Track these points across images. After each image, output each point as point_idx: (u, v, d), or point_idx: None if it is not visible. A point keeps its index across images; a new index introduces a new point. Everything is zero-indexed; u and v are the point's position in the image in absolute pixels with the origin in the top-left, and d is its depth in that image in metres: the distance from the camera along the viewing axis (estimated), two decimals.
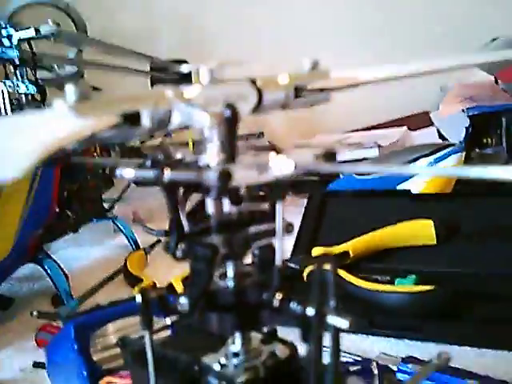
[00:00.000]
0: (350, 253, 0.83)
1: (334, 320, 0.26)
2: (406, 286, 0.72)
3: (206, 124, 0.29)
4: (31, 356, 0.79)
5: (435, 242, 0.83)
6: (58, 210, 1.06)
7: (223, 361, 0.31)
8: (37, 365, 0.77)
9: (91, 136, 0.27)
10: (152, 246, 1.17)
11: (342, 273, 0.76)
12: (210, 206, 0.30)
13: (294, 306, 0.28)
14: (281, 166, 0.28)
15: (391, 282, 0.76)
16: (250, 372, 0.30)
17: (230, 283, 0.30)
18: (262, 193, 0.31)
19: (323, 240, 0.89)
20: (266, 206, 0.31)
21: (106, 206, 1.26)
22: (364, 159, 1.34)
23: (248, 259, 0.31)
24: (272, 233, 0.30)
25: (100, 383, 0.40)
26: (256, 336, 0.32)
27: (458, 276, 0.77)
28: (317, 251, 0.85)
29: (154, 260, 1.12)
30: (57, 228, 1.06)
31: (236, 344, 0.31)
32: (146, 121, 0.29)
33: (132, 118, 0.28)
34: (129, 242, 1.16)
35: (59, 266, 0.97)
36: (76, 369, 0.42)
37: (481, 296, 0.73)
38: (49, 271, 0.96)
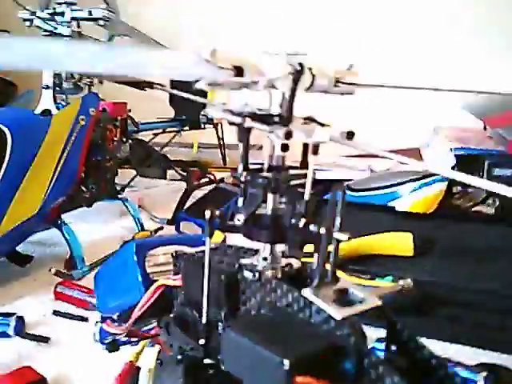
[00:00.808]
0: None
1: (337, 235, 0.38)
2: (383, 282, 0.84)
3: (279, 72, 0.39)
4: (49, 306, 0.90)
5: (412, 254, 0.95)
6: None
7: (255, 262, 0.43)
8: (56, 313, 0.87)
9: None
10: (156, 231, 1.28)
11: None
12: (266, 152, 0.41)
13: (312, 227, 0.39)
14: (321, 134, 0.39)
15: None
16: (273, 271, 0.42)
17: (269, 211, 0.42)
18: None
19: None
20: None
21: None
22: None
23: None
24: (304, 176, 0.41)
25: (154, 285, 0.49)
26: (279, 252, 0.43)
27: (427, 283, 0.89)
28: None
29: None
30: (76, 199, 1.16)
31: (265, 251, 0.42)
32: None
33: None
34: (135, 223, 1.26)
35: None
36: (133, 276, 0.52)
37: (443, 301, 0.85)
38: (67, 236, 1.06)
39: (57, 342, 0.79)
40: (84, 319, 0.85)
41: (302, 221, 0.40)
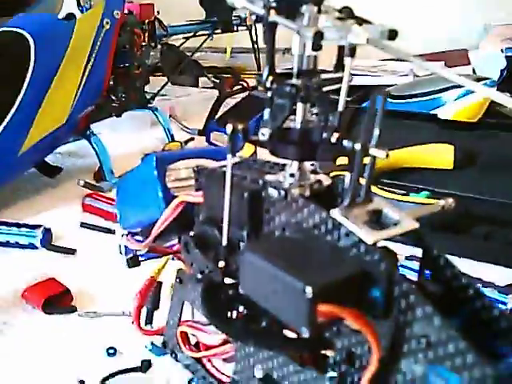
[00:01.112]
0: None
1: (374, 151, 0.33)
2: (418, 197, 0.80)
3: None
4: (77, 217, 0.90)
5: (451, 167, 0.90)
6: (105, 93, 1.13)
7: (281, 179, 0.39)
8: (83, 225, 0.87)
9: None
10: (186, 142, 1.25)
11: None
12: (295, 51, 0.36)
13: (346, 142, 0.35)
14: (358, 33, 0.33)
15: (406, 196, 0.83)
16: (300, 188, 0.38)
17: (298, 123, 0.37)
18: None
19: None
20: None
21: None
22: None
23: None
24: (339, 80, 0.35)
25: (174, 201, 0.47)
26: (308, 168, 0.39)
27: (466, 199, 0.84)
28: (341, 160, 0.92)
29: None
30: (105, 108, 1.13)
31: (293, 167, 0.39)
32: None
33: None
34: (166, 133, 1.23)
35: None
36: (153, 192, 0.49)
37: (481, 218, 0.80)
38: (95, 147, 1.05)
39: (83, 255, 0.79)
40: (111, 231, 0.84)
41: (335, 135, 0.35)
